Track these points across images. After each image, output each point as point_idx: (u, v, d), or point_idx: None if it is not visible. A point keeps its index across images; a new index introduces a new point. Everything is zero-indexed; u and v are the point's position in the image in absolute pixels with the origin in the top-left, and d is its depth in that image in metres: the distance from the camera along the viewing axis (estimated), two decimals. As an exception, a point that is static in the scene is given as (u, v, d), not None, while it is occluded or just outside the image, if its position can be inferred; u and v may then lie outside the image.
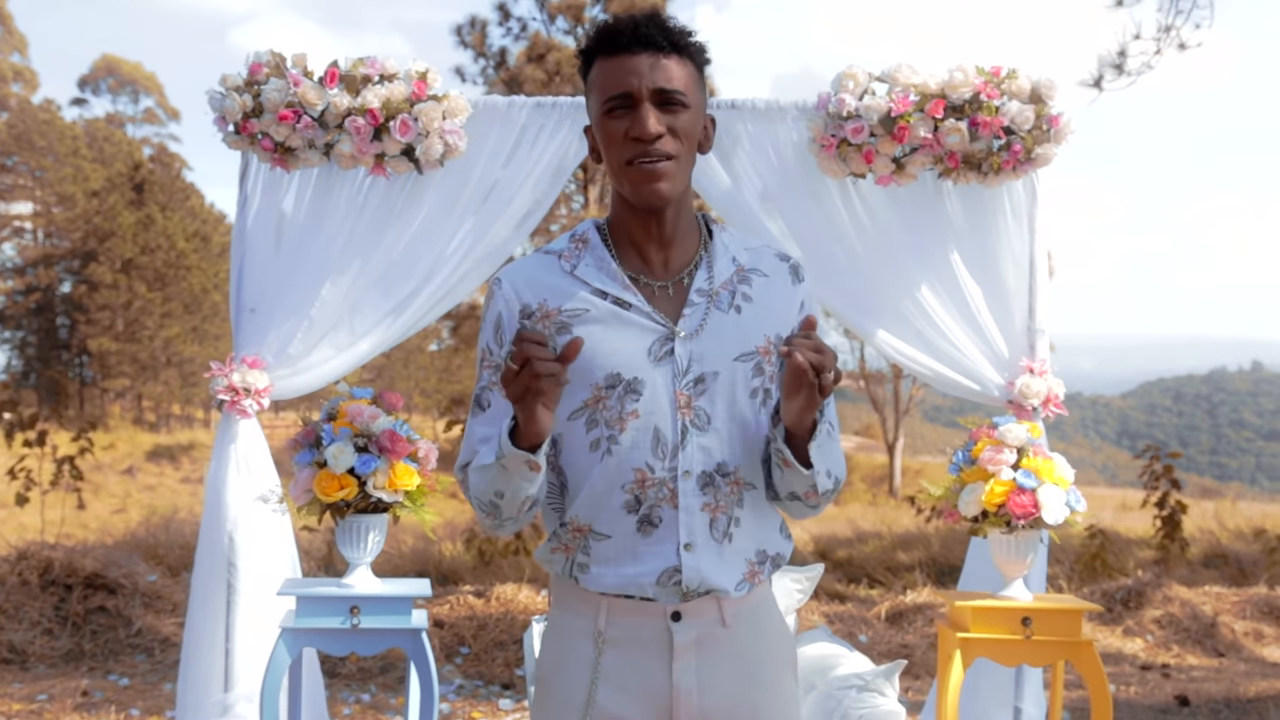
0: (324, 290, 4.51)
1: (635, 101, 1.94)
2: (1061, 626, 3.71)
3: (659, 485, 1.97)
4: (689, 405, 1.97)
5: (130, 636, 6.87)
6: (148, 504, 21.14)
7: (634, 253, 2.04)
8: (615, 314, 1.99)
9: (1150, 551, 10.21)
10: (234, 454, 4.45)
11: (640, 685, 1.99)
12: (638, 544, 1.97)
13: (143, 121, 52.30)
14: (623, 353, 1.97)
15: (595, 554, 2.00)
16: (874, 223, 4.59)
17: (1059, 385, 4.48)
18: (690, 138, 1.98)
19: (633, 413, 1.97)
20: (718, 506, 1.99)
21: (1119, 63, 8.14)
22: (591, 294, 2.00)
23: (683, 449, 1.97)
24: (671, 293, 2.02)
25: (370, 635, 3.62)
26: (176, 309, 39.44)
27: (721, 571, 1.99)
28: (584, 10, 20.20)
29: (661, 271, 2.03)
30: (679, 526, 1.97)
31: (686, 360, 1.98)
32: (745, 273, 2.06)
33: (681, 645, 1.99)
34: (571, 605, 2.05)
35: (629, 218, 2.02)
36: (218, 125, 4.42)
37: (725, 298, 2.03)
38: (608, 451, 1.98)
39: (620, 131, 1.95)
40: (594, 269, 2.02)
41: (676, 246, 2.04)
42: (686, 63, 1.97)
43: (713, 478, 1.98)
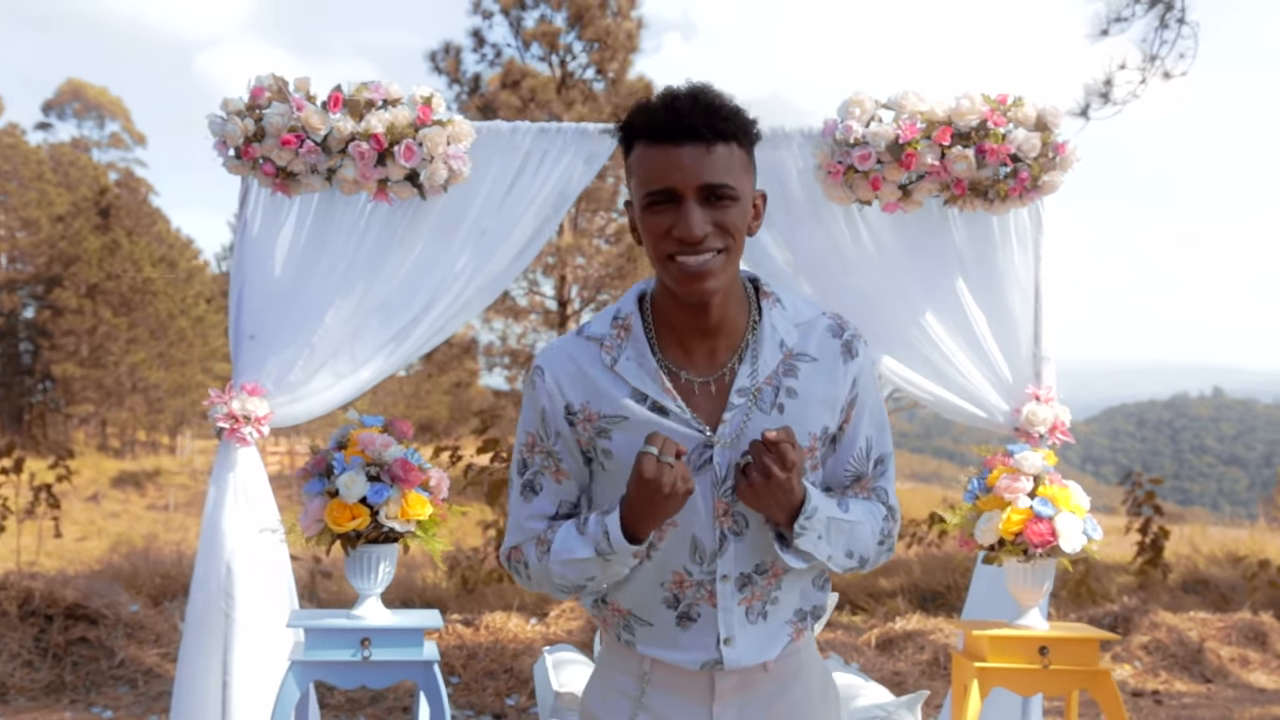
0: (325, 317, 4.45)
1: (679, 198, 1.82)
2: (1078, 656, 3.69)
3: (697, 586, 1.96)
4: (727, 513, 1.94)
5: (113, 668, 6.74)
6: (114, 532, 20.87)
7: (676, 344, 1.95)
8: (653, 421, 1.91)
9: (1129, 577, 10.22)
10: (232, 482, 4.38)
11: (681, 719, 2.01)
12: (679, 635, 1.98)
13: (108, 146, 51.93)
14: None
15: (639, 634, 2.01)
16: (879, 250, 4.58)
17: (1065, 412, 4.48)
18: (739, 230, 1.87)
19: (671, 522, 1.93)
20: (754, 597, 1.98)
21: (1105, 91, 8.21)
22: (630, 396, 1.93)
23: (721, 555, 1.95)
24: (714, 390, 1.94)
25: (381, 668, 3.56)
26: (142, 334, 39.07)
27: (762, 648, 2.00)
28: (559, 37, 20.23)
29: (705, 363, 1.95)
30: (718, 623, 1.97)
31: (725, 468, 1.92)
32: (792, 360, 1.96)
33: (722, 689, 2.00)
34: (618, 653, 2.07)
35: (671, 306, 1.93)
36: (218, 150, 4.36)
37: (768, 395, 1.94)
38: (647, 556, 1.96)
39: (663, 228, 1.84)
40: (634, 365, 1.94)
41: (722, 336, 1.95)
42: (734, 148, 1.85)
43: (750, 577, 1.97)
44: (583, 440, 1.98)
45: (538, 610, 7.57)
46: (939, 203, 4.50)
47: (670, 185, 1.82)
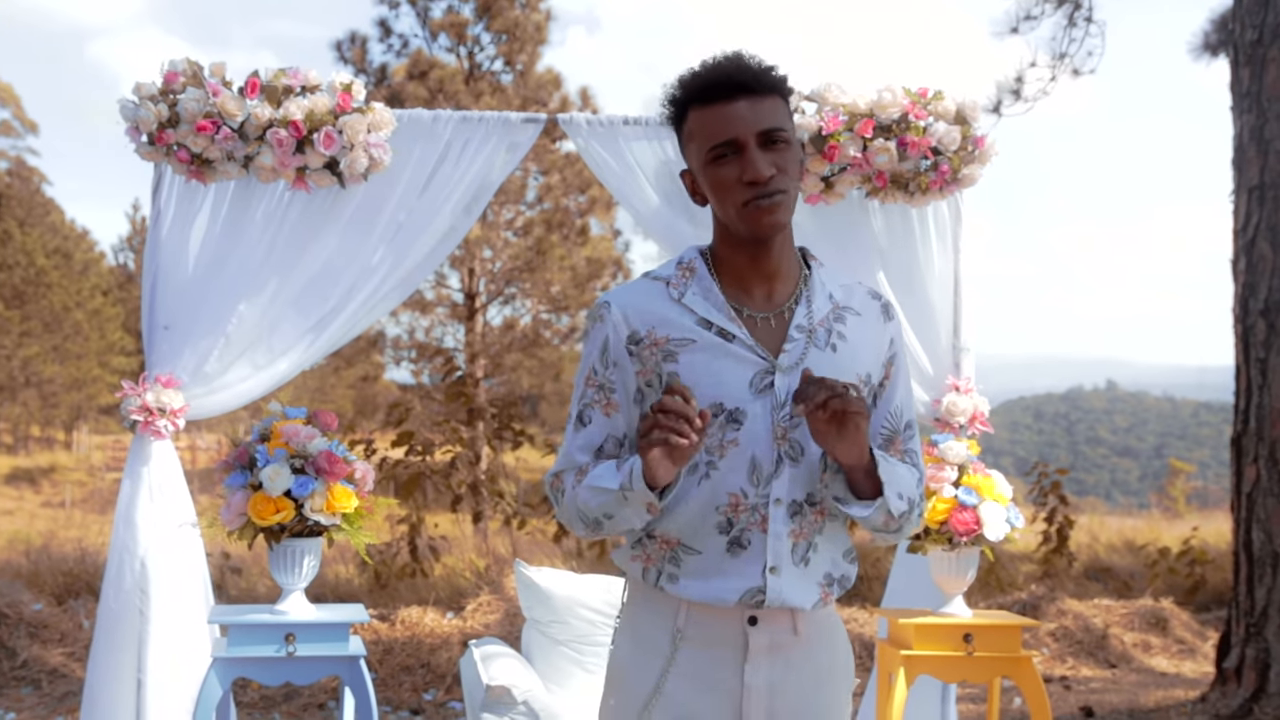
0: (241, 307, 4.36)
1: (742, 147, 2.00)
2: (1001, 643, 3.75)
3: (751, 510, 2.04)
4: (785, 437, 2.04)
5: (15, 668, 6.55)
6: (8, 529, 20.31)
7: (737, 285, 2.10)
8: (720, 345, 2.05)
9: (1033, 566, 10.42)
10: (147, 477, 4.27)
11: (712, 680, 2.07)
12: (725, 563, 2.05)
13: (-1, 134, 50.46)
14: (726, 383, 2.04)
15: (685, 567, 2.07)
16: (801, 240, 4.58)
17: (984, 403, 4.53)
18: (795, 170, 2.06)
19: (733, 441, 2.03)
20: (801, 533, 2.07)
21: (1016, 88, 8.34)
22: (697, 323, 2.07)
23: (777, 478, 2.04)
24: (774, 324, 2.09)
25: (306, 663, 3.50)
26: (36, 327, 38.03)
27: (800, 592, 2.06)
28: (466, 28, 20.02)
29: (764, 304, 2.10)
30: (766, 550, 2.04)
31: (785, 393, 2.04)
32: (841, 310, 2.13)
33: (756, 647, 2.06)
34: (651, 605, 2.12)
35: (734, 251, 2.10)
36: (130, 135, 4.25)
37: (822, 335, 2.09)
38: (705, 475, 2.05)
39: (732, 177, 2.01)
40: (700, 298, 2.08)
41: (779, 280, 2.11)
42: (778, 99, 2.05)
43: (801, 507, 2.06)
44: (647, 368, 2.08)
45: (454, 604, 7.51)
46: (860, 195, 4.53)
47: (733, 136, 2.00)
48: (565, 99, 20.34)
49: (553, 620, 4.00)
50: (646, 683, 2.08)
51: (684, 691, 2.06)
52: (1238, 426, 6.62)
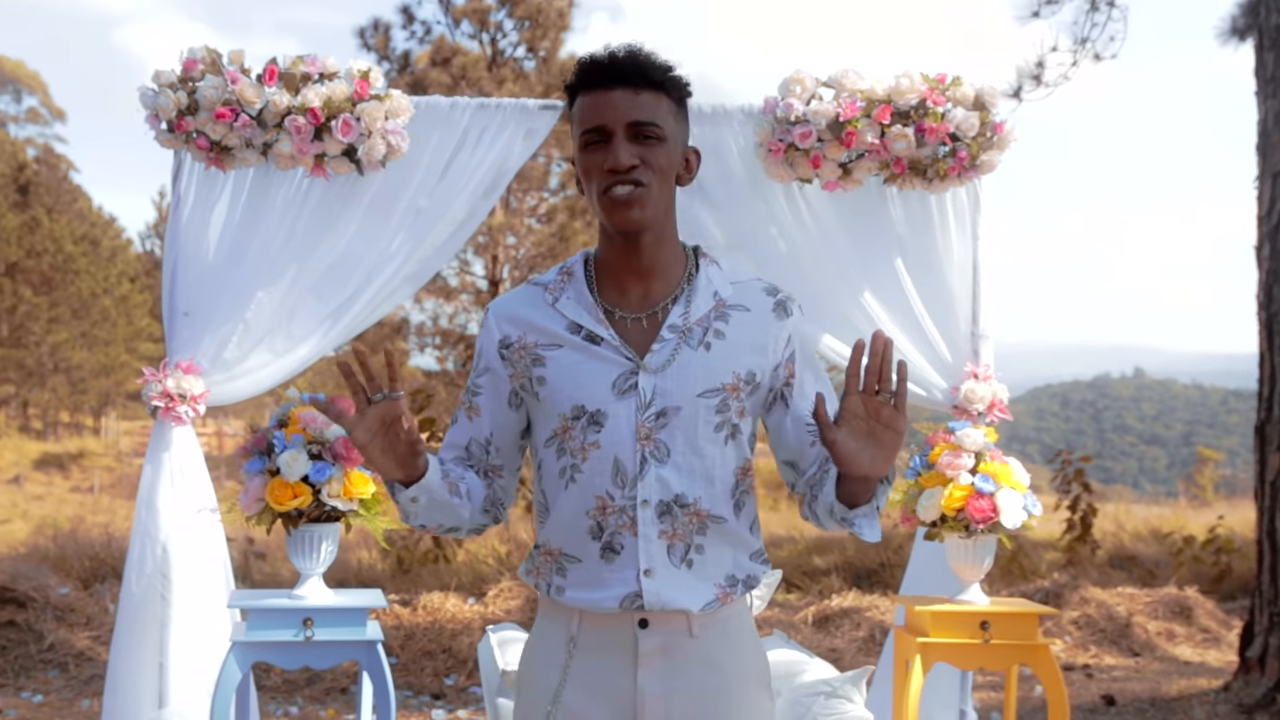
0: (260, 293, 4.38)
1: (609, 135, 2.00)
2: (1019, 630, 3.74)
3: (619, 513, 2.02)
4: (649, 437, 2.02)
5: (42, 652, 6.62)
6: (38, 514, 20.48)
7: (613, 285, 2.09)
8: (585, 347, 2.05)
9: (1057, 554, 10.39)
10: (168, 462, 4.30)
11: (606, 687, 2.04)
12: (602, 570, 2.03)
13: (26, 121, 50.77)
14: (588, 386, 2.03)
15: (570, 576, 2.06)
16: (819, 228, 4.59)
17: (1003, 390, 4.52)
18: (665, 170, 2.02)
19: (594, 443, 2.03)
20: (675, 534, 2.03)
21: (1038, 74, 8.27)
22: (566, 328, 2.07)
23: (641, 479, 2.02)
24: (646, 325, 2.07)
25: (324, 648, 3.52)
26: (64, 314, 38.30)
27: (684, 594, 2.03)
28: (489, 15, 20.01)
29: (639, 303, 2.08)
30: (638, 553, 2.02)
31: (650, 394, 2.02)
32: (725, 308, 2.09)
33: (646, 652, 2.03)
34: (550, 613, 2.12)
35: (609, 249, 2.08)
36: (149, 123, 4.27)
37: (697, 334, 2.06)
38: (572, 479, 2.05)
39: (596, 164, 2.01)
40: (574, 302, 2.08)
41: (656, 279, 2.08)
42: (663, 97, 2.03)
43: (670, 507, 2.02)
44: (519, 371, 2.10)
45: (475, 590, 7.55)
46: (878, 181, 4.52)
47: (602, 123, 2.00)
48: (588, 85, 20.33)
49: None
50: (546, 691, 2.06)
51: (580, 699, 2.04)
52: (1261, 414, 6.57)
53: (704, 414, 2.02)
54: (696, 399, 2.02)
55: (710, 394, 2.03)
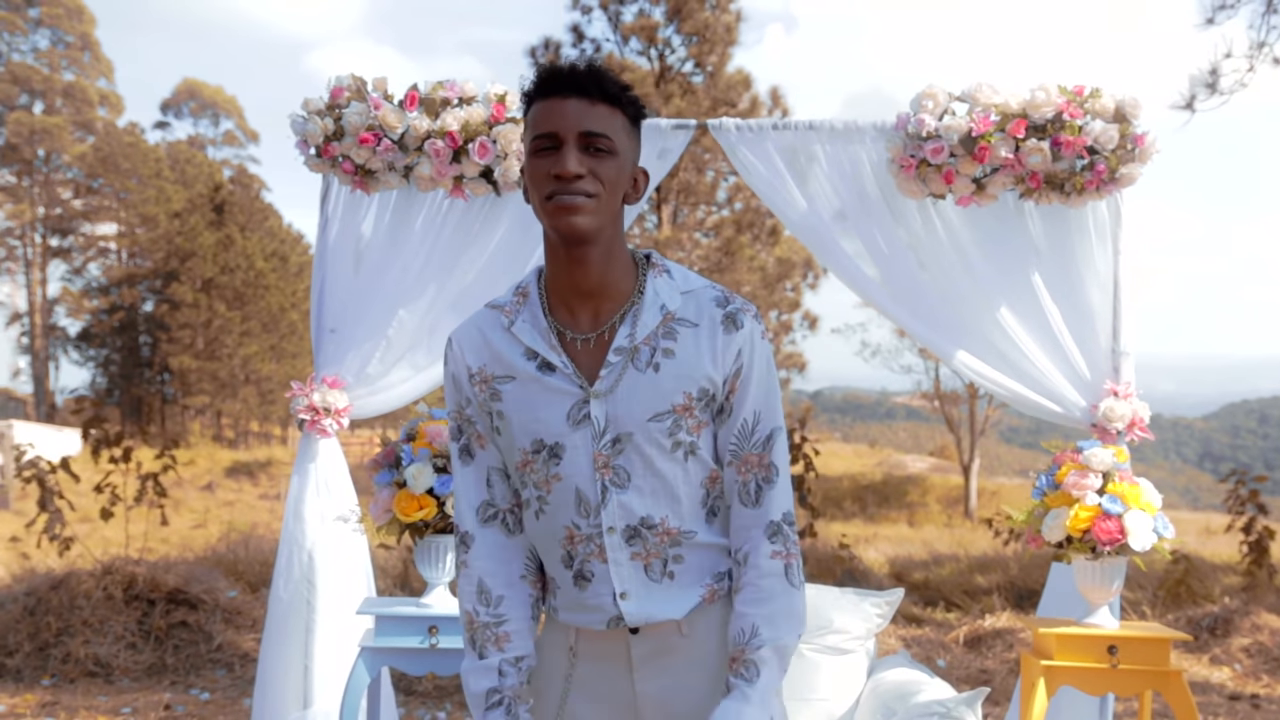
0: (402, 311, 4.55)
1: (561, 142, 1.97)
2: (1149, 655, 3.63)
3: (586, 541, 2.05)
4: (607, 465, 2.03)
5: (211, 651, 6.95)
6: (227, 520, 21.40)
7: (563, 305, 2.07)
8: (537, 379, 2.04)
9: (1236, 578, 9.98)
10: (314, 473, 4.50)
11: (607, 693, 2.10)
12: (580, 596, 2.07)
13: (223, 144, 53.21)
14: (544, 419, 2.03)
15: (559, 599, 2.11)
16: (953, 243, 4.54)
17: (1144, 408, 4.39)
18: (613, 184, 2.00)
19: (555, 475, 2.04)
20: (649, 554, 2.05)
21: (1211, 81, 7.99)
22: (523, 354, 2.06)
23: (604, 507, 2.03)
24: (593, 346, 2.05)
25: (448, 655, 3.63)
26: (255, 327, 39.98)
27: (667, 606, 2.06)
28: (657, 31, 20.23)
29: (589, 323, 2.06)
30: (610, 578, 2.04)
31: (603, 421, 2.02)
32: (673, 324, 2.05)
33: (639, 657, 2.08)
34: (553, 627, 2.17)
35: (556, 265, 2.05)
36: (299, 149, 4.47)
37: (645, 354, 2.03)
38: (540, 510, 2.08)
39: (544, 169, 1.98)
40: (529, 325, 2.07)
41: (604, 298, 2.05)
42: (617, 113, 2.01)
43: (638, 530, 2.04)
44: (481, 403, 2.10)
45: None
46: (1014, 196, 4.45)
47: (553, 129, 1.97)
48: (755, 99, 20.37)
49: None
50: (553, 700, 2.13)
51: (584, 707, 2.10)
52: None
53: (656, 437, 2.02)
54: (647, 423, 2.01)
55: (660, 417, 2.02)
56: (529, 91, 2.03)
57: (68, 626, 6.94)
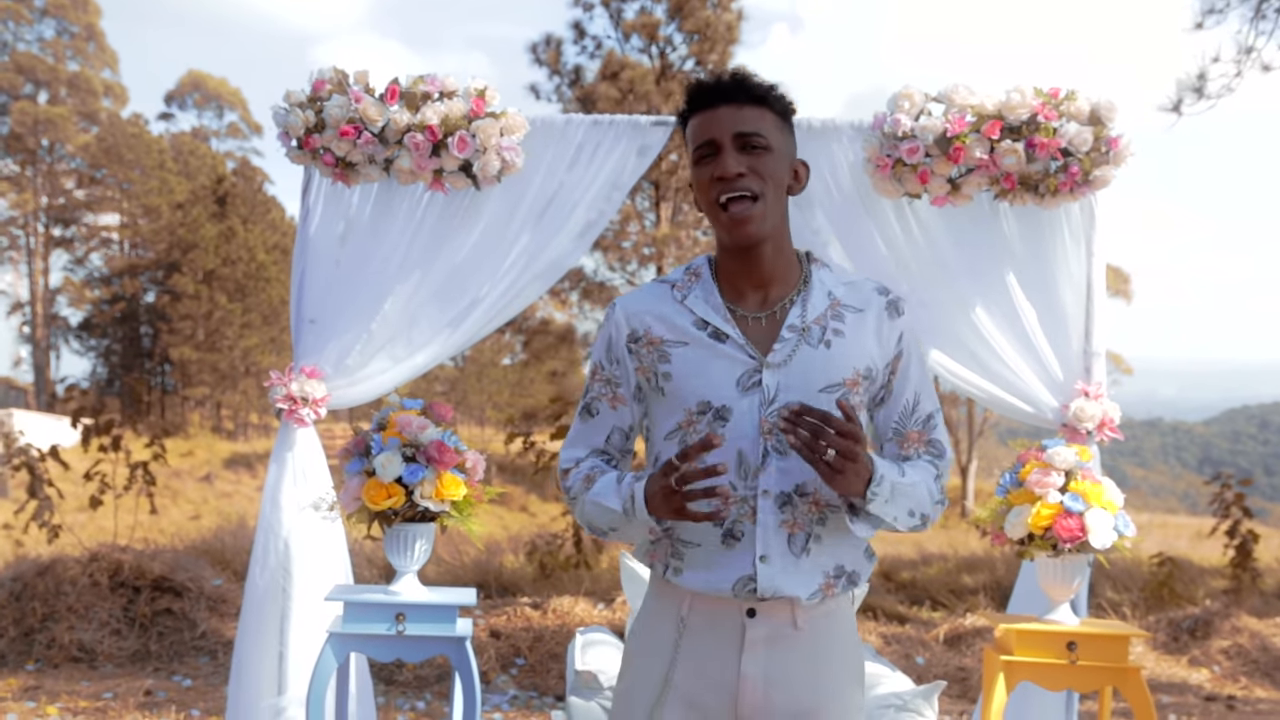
0: (383, 303, 4.57)
1: (719, 147, 2.14)
2: (1108, 652, 3.67)
3: (741, 503, 2.14)
4: (772, 432, 2.14)
5: (195, 639, 7.00)
6: (223, 511, 21.47)
7: (733, 289, 2.22)
8: (711, 345, 2.17)
9: (1223, 581, 10.02)
10: (291, 462, 4.53)
11: (712, 671, 2.16)
12: (721, 555, 2.15)
13: (226, 136, 53.30)
14: (714, 382, 2.15)
15: (687, 559, 2.18)
16: (929, 243, 4.57)
17: (1115, 409, 4.43)
18: (774, 178, 2.16)
19: (720, 437, 2.07)
20: (796, 524, 2.15)
21: (1199, 86, 8.02)
22: (694, 324, 2.19)
23: (764, 471, 2.13)
24: (765, 324, 2.19)
25: (415, 642, 3.67)
26: (255, 320, 40.07)
27: (796, 581, 2.14)
28: (658, 29, 20.27)
29: (759, 306, 2.21)
30: (756, 540, 2.13)
31: (774, 390, 2.14)
32: (840, 308, 2.22)
33: (752, 639, 2.15)
34: (662, 594, 2.25)
35: (728, 258, 2.22)
36: (281, 140, 4.51)
37: (816, 333, 2.18)
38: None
39: (708, 176, 2.15)
40: (701, 300, 2.21)
41: (774, 285, 2.21)
42: (766, 111, 2.17)
43: (790, 498, 2.14)
44: (644, 366, 2.23)
45: (606, 596, 7.67)
46: (989, 197, 4.48)
47: (710, 137, 2.15)
48: (755, 98, 20.40)
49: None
50: (656, 672, 2.18)
51: (689, 681, 2.16)
52: None
53: (825, 407, 2.12)
54: (818, 394, 2.14)
55: (831, 389, 2.15)
56: (683, 112, 2.22)
57: (53, 612, 6.99)
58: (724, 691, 2.15)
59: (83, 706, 5.91)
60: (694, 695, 2.15)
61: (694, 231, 20.79)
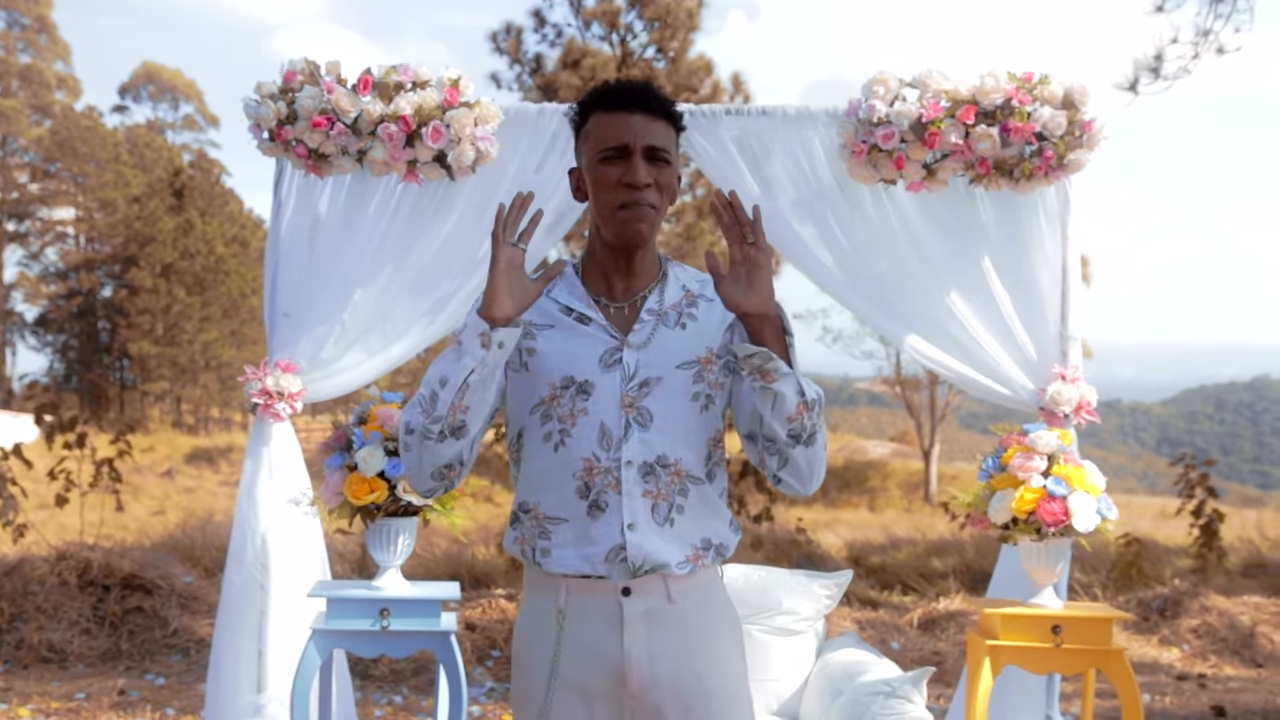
0: (357, 295, 4.54)
1: (629, 152, 2.25)
2: (1092, 635, 3.69)
3: (605, 473, 2.24)
4: (633, 405, 2.26)
5: (166, 637, 6.93)
6: (186, 506, 21.28)
7: (601, 281, 2.35)
8: (575, 326, 2.31)
9: (1188, 560, 10.12)
10: (267, 457, 4.49)
11: (596, 654, 2.24)
12: (589, 527, 2.24)
13: (182, 128, 52.77)
14: (578, 359, 2.28)
15: (555, 538, 2.26)
16: (905, 229, 4.58)
17: (1091, 392, 4.45)
18: (669, 191, 2.31)
19: (583, 410, 2.26)
20: (659, 494, 2.25)
21: (1155, 66, 8.07)
22: (559, 310, 2.32)
23: (625, 442, 2.24)
24: (627, 312, 2.34)
25: (399, 637, 3.65)
26: (215, 313, 39.75)
27: (664, 550, 2.24)
28: (619, 16, 20.21)
29: (621, 295, 2.35)
30: (623, 509, 2.23)
31: (634, 366, 2.28)
32: (694, 298, 2.37)
33: (631, 617, 2.24)
34: (537, 588, 2.32)
35: (603, 252, 2.34)
36: (252, 132, 4.46)
37: (673, 316, 2.33)
38: (560, 443, 2.26)
39: (613, 177, 2.26)
40: (565, 291, 2.35)
41: (638, 278, 2.35)
42: (670, 128, 2.31)
43: (653, 468, 2.25)
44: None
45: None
46: (965, 182, 4.49)
47: (624, 141, 2.25)
48: (717, 85, 20.39)
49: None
50: (543, 665, 2.26)
51: (575, 668, 2.24)
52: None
53: (682, 383, 2.28)
54: (676, 370, 2.28)
55: (687, 365, 2.28)
56: (587, 102, 2.33)
57: (21, 613, 6.91)
58: (609, 672, 2.23)
59: (55, 707, 5.84)
60: (581, 680, 2.24)
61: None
